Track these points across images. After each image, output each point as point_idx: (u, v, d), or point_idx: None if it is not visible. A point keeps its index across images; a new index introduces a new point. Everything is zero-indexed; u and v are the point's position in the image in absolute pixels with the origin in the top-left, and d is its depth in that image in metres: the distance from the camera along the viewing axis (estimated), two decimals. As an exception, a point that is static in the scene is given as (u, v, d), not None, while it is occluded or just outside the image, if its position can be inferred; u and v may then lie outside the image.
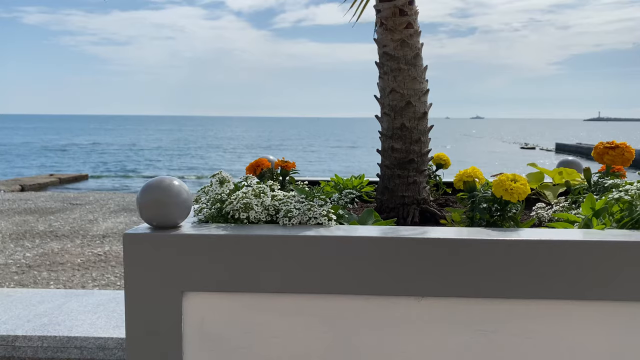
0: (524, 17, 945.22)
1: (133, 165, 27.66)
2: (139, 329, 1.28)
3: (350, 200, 1.69)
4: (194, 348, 1.30)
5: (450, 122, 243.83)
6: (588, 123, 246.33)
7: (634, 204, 1.40)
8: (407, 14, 1.86)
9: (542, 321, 1.26)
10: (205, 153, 36.11)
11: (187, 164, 28.19)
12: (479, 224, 1.44)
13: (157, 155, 34.11)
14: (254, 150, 39.50)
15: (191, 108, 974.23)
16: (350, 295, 1.27)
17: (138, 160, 30.71)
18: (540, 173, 2.35)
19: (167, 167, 26.91)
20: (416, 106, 1.89)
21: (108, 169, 25.88)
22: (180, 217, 1.30)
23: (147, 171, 24.84)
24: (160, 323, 1.27)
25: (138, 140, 50.02)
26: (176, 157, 32.38)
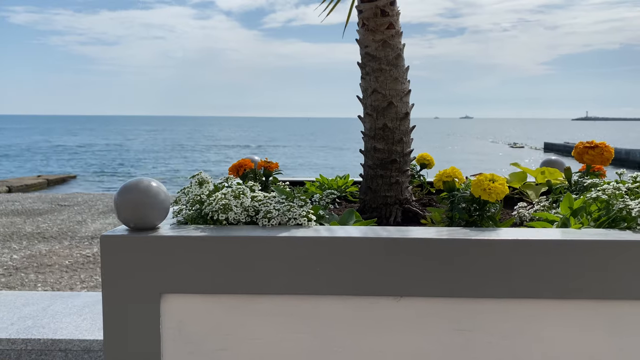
0: (513, 17, 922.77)
1: (122, 166, 27.50)
2: (117, 332, 1.27)
3: (332, 201, 1.69)
4: (172, 350, 1.29)
5: (440, 122, 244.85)
6: (576, 122, 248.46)
7: (610, 203, 1.42)
8: (388, 14, 1.87)
9: (519, 320, 1.27)
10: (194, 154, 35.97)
11: (176, 165, 28.07)
12: (458, 224, 1.44)
13: (147, 155, 33.94)
14: (242, 151, 39.40)
15: (181, 108, 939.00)
16: (330, 296, 1.28)
17: (127, 160, 30.54)
18: (523, 172, 2.37)
19: (156, 167, 26.77)
20: (398, 107, 1.89)
21: (97, 169, 25.70)
22: (158, 218, 1.30)
23: (136, 172, 24.71)
24: (138, 325, 1.27)
25: (127, 141, 49.74)
26: (165, 158, 32.23)
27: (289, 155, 35.47)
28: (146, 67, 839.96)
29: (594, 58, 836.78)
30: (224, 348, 1.30)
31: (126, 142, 47.51)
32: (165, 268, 1.26)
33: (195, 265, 1.26)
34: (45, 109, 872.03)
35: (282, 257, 1.26)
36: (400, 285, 1.26)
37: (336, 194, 1.73)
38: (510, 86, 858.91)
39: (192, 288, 1.27)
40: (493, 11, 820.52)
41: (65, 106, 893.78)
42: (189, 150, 39.30)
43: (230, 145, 45.93)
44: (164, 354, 1.29)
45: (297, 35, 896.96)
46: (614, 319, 1.26)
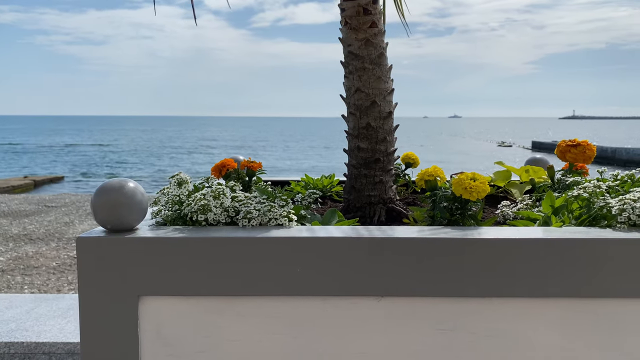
0: (501, 17, 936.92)
1: (110, 167, 27.31)
2: (94, 335, 1.25)
3: (314, 200, 1.68)
4: (151, 353, 1.27)
5: (429, 121, 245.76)
6: (563, 121, 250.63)
7: (591, 200, 1.42)
8: (371, 12, 1.86)
9: (501, 319, 1.27)
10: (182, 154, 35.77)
11: (164, 165, 27.91)
12: (440, 223, 1.44)
13: (135, 156, 33.72)
14: (231, 150, 39.26)
15: (170, 108, 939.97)
16: (310, 297, 1.27)
17: (115, 161, 30.33)
18: (507, 171, 2.38)
19: (142, 168, 26.60)
20: (381, 106, 1.89)
21: (85, 170, 25.49)
22: (136, 219, 1.28)
23: (124, 172, 24.54)
24: (116, 328, 1.25)
25: (116, 141, 49.38)
26: (154, 158, 32.04)
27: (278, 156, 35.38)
28: (135, 67, 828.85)
29: (580, 57, 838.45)
30: (203, 350, 1.28)
31: (115, 143, 47.19)
32: (143, 270, 1.24)
33: (174, 267, 1.24)
34: (32, 109, 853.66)
35: (261, 258, 1.24)
36: (381, 285, 1.25)
37: (318, 193, 1.72)
38: (498, 85, 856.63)
39: (171, 290, 1.25)
40: (481, 11, 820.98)
41: (53, 107, 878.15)
42: (177, 150, 39.10)
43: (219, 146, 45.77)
44: (143, 356, 1.27)
45: (286, 34, 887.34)
46: (596, 317, 1.27)
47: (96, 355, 1.25)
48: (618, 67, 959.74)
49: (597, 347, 1.27)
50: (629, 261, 1.23)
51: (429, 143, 47.77)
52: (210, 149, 40.61)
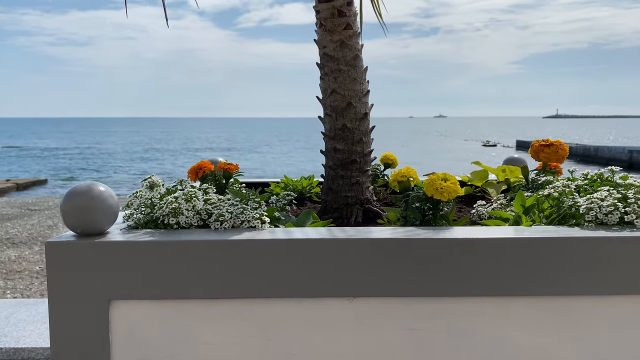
0: (485, 17, 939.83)
1: (94, 169, 27.04)
2: (65, 341, 1.24)
3: (289, 202, 1.69)
4: (123, 357, 1.27)
5: (414, 121, 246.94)
6: (547, 120, 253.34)
7: (561, 200, 1.44)
8: (345, 14, 1.87)
9: (471, 319, 1.28)
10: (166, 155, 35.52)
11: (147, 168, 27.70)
12: (413, 223, 1.45)
13: (118, 158, 33.43)
14: (216, 152, 39.06)
15: (155, 110, 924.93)
16: (283, 299, 1.27)
17: (99, 163, 30.04)
18: (484, 171, 2.40)
19: (127, 170, 26.37)
20: (357, 107, 1.90)
21: (68, 173, 25.22)
22: (106, 223, 1.27)
23: (107, 175, 24.31)
24: (87, 333, 1.24)
25: (99, 143, 48.92)
26: (138, 161, 31.79)
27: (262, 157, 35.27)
28: (118, 68, 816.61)
29: (564, 57, 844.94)
30: (176, 354, 1.28)
31: (99, 145, 46.74)
32: (114, 274, 1.24)
33: (145, 271, 1.24)
34: (14, 111, 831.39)
35: (233, 261, 1.24)
36: (353, 286, 1.26)
37: (293, 195, 1.73)
38: (483, 85, 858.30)
39: (142, 294, 1.24)
40: (465, 11, 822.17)
41: (35, 108, 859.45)
42: (161, 152, 38.83)
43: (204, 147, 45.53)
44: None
45: (271, 35, 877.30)
46: (564, 315, 1.28)
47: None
48: (600, 67, 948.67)
49: (569, 345, 1.29)
50: (595, 259, 1.25)
51: (413, 143, 47.98)
52: (195, 151, 40.38)
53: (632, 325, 1.29)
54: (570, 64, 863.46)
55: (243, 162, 31.04)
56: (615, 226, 1.33)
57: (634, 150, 22.68)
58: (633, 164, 21.56)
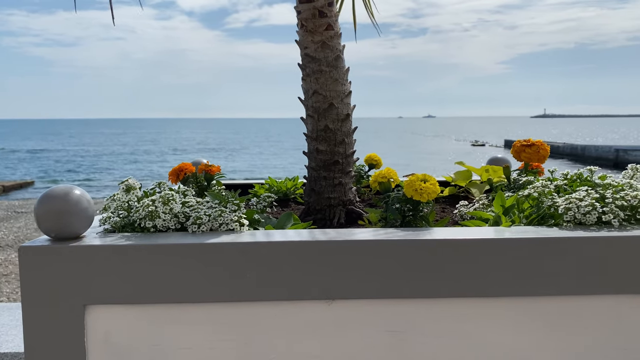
0: (473, 18, 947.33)
1: (81, 171, 26.82)
2: (39, 347, 1.22)
3: (269, 204, 1.68)
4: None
5: (403, 121, 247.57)
6: (535, 120, 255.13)
7: (540, 200, 1.44)
8: (326, 15, 1.86)
9: (450, 320, 1.28)
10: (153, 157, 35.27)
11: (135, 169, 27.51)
12: (393, 225, 1.44)
13: (106, 160, 33.17)
14: (204, 153, 38.86)
15: (143, 111, 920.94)
16: (261, 302, 1.26)
17: (86, 165, 29.79)
18: (468, 171, 2.41)
19: (114, 172, 26.17)
20: (339, 108, 1.89)
21: (55, 175, 24.99)
22: (81, 227, 1.25)
23: (96, 177, 24.12)
24: (62, 339, 1.22)
25: (87, 145, 48.51)
26: (125, 162, 31.56)
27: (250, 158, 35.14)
28: (107, 69, 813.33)
29: (551, 57, 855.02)
30: (153, 358, 1.26)
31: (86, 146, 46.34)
32: (89, 278, 1.22)
33: (121, 275, 1.22)
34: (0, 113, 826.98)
35: (211, 264, 1.23)
36: (332, 288, 1.25)
37: (273, 197, 1.71)
38: (471, 85, 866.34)
39: (118, 298, 1.23)
40: (453, 11, 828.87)
41: (22, 110, 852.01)
42: (149, 153, 38.57)
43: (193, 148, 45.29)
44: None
45: (260, 35, 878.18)
46: (544, 316, 1.29)
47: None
48: (586, 67, 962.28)
49: (547, 346, 1.29)
50: (574, 259, 1.25)
51: (402, 143, 48.09)
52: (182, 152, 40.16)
53: (613, 324, 1.29)
54: (557, 64, 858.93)
55: (231, 163, 30.90)
56: (594, 226, 1.33)
57: (620, 149, 22.92)
58: (619, 163, 21.78)
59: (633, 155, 21.75)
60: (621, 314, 1.29)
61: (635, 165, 1.59)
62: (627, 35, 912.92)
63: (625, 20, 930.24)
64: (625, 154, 22.22)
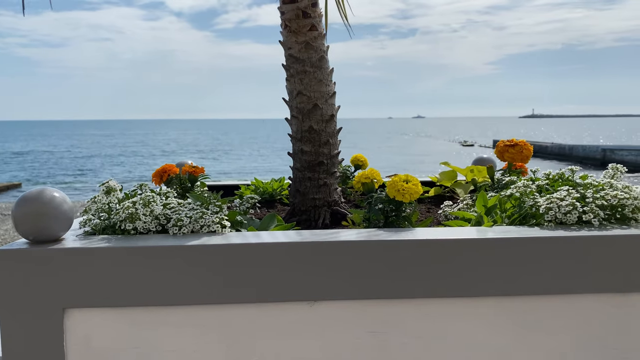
0: (462, 18, 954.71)
1: (69, 173, 26.59)
2: (17, 351, 1.20)
3: (252, 205, 1.67)
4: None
5: (393, 121, 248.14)
6: (523, 120, 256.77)
7: (522, 200, 1.45)
8: (310, 16, 1.86)
9: (431, 320, 1.28)
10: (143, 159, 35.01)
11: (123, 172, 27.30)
12: (376, 225, 1.44)
13: (95, 162, 32.92)
14: (194, 154, 38.67)
15: (132, 112, 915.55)
16: (243, 304, 1.25)
17: (74, 167, 29.56)
18: (453, 171, 2.41)
19: (102, 174, 25.97)
20: (323, 109, 1.89)
21: (43, 177, 24.77)
22: (61, 230, 1.24)
23: (83, 179, 23.93)
24: (40, 343, 1.20)
25: (75, 146, 48.10)
26: (113, 164, 31.32)
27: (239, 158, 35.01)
28: (95, 70, 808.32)
29: (539, 58, 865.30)
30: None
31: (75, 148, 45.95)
32: (68, 281, 1.20)
33: (100, 278, 1.21)
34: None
35: (192, 266, 1.22)
36: (314, 289, 1.24)
37: (257, 198, 1.71)
38: (460, 85, 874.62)
39: (98, 301, 1.21)
40: (442, 12, 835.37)
41: (9, 111, 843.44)
42: (138, 155, 38.32)
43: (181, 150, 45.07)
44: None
45: (250, 36, 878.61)
46: (525, 315, 1.29)
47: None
48: (573, 67, 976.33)
49: (529, 345, 1.30)
50: (553, 258, 1.26)
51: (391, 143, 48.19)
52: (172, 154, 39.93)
53: (594, 323, 1.30)
54: (545, 65, 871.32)
55: (220, 164, 30.76)
56: (574, 226, 1.34)
57: (607, 149, 23.13)
58: (606, 162, 21.95)
59: (619, 154, 21.96)
60: (602, 313, 1.30)
61: (615, 165, 1.61)
62: (614, 36, 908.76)
63: (612, 21, 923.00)
64: (612, 153, 22.43)
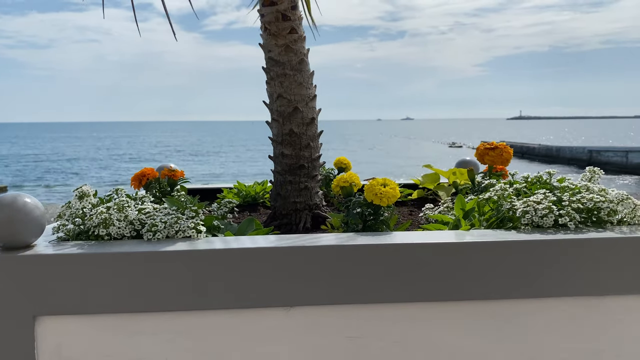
0: (450, 21, 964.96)
1: (55, 176, 26.34)
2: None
3: (230, 210, 1.65)
4: (50, 376, 1.21)
5: (382, 123, 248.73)
6: (511, 122, 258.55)
7: (499, 203, 1.45)
8: (290, 19, 1.85)
9: (407, 324, 1.27)
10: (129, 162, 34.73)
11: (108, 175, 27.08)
12: (354, 229, 1.44)
13: (81, 165, 32.63)
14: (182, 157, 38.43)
15: (119, 113, 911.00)
16: (217, 310, 1.24)
17: (61, 170, 29.28)
18: (435, 174, 2.42)
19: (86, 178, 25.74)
20: (304, 112, 1.88)
21: (29, 179, 24.52)
22: (32, 235, 1.21)
23: (69, 182, 23.71)
24: (11, 352, 1.18)
25: (61, 149, 47.67)
26: (99, 168, 31.05)
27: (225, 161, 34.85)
28: (82, 72, 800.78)
29: (526, 60, 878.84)
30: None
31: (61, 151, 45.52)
32: (39, 288, 1.18)
33: (73, 284, 1.19)
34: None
35: (165, 272, 1.20)
36: (290, 295, 1.23)
37: (234, 202, 1.69)
38: (448, 87, 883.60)
39: (70, 309, 1.19)
40: (431, 14, 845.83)
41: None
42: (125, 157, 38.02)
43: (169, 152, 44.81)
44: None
45: (238, 37, 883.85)
46: (499, 319, 1.29)
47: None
48: (560, 70, 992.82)
49: (503, 348, 1.30)
50: (529, 262, 1.26)
51: (380, 145, 48.30)
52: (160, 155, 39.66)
53: (567, 326, 1.30)
54: (532, 67, 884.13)
55: (206, 166, 30.60)
56: (551, 229, 1.34)
57: (593, 150, 23.35)
58: (592, 163, 22.11)
59: (605, 155, 22.18)
60: (578, 316, 1.30)
61: (592, 168, 1.61)
62: (600, 38, 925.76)
63: (598, 24, 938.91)
64: (598, 154, 22.64)
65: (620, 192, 1.38)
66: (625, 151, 21.82)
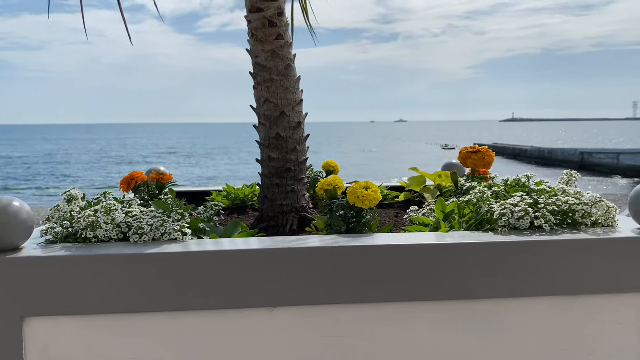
0: (443, 23, 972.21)
1: (46, 179, 26.22)
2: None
3: (216, 213, 1.69)
4: (38, 376, 1.24)
5: (375, 125, 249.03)
6: (504, 124, 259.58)
7: (478, 205, 1.49)
8: (276, 25, 1.88)
9: (390, 324, 1.31)
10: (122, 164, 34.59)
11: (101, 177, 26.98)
12: (338, 231, 1.47)
13: (73, 167, 32.49)
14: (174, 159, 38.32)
15: (112, 116, 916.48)
16: (203, 311, 1.27)
17: (52, 173, 29.15)
18: (422, 176, 2.46)
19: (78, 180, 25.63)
20: (290, 116, 1.91)
21: (20, 182, 24.41)
22: (19, 238, 1.24)
23: (61, 185, 23.61)
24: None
25: (53, 152, 47.43)
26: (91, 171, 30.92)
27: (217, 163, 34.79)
28: (75, 74, 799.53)
29: (518, 62, 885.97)
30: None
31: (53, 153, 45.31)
32: (27, 290, 1.21)
33: (60, 286, 1.21)
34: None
35: (151, 274, 1.23)
36: (273, 296, 1.26)
37: (221, 205, 1.72)
38: (441, 90, 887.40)
39: (58, 310, 1.22)
40: (424, 17, 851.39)
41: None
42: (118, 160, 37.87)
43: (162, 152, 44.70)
44: (30, 380, 1.24)
45: (232, 39, 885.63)
46: (480, 319, 1.33)
47: (-22, 381, 1.21)
48: (552, 72, 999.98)
49: (484, 348, 1.33)
50: (506, 263, 1.29)
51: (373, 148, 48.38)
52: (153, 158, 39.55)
53: (544, 325, 1.34)
54: (524, 69, 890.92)
55: (198, 169, 30.52)
56: (527, 231, 1.38)
57: (585, 152, 23.53)
58: (584, 165, 22.35)
59: (597, 157, 22.35)
60: (553, 315, 1.34)
61: (570, 171, 1.66)
62: (592, 41, 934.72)
63: (589, 27, 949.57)
64: (590, 156, 22.82)
65: (594, 195, 1.42)
66: (617, 153, 22.01)
